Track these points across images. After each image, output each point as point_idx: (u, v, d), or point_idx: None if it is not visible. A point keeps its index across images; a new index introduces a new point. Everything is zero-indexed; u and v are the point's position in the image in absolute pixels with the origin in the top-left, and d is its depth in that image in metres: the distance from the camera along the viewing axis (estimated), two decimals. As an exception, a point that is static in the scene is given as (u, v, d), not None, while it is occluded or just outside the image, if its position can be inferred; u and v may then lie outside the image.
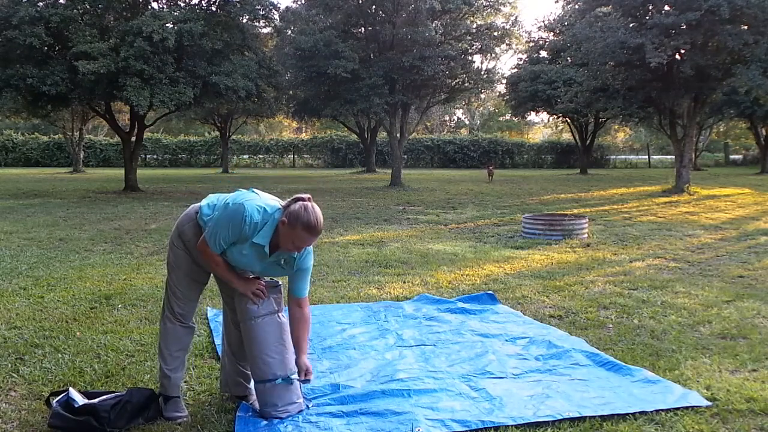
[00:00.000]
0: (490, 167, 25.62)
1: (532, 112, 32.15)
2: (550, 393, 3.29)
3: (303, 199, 2.89)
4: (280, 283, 3.16)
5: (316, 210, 2.87)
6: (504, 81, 30.27)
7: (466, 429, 2.90)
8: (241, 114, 30.73)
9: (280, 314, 3.08)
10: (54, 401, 2.98)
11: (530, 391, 3.31)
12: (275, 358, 3.01)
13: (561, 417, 2.98)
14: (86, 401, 2.95)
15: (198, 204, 3.14)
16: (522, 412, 3.04)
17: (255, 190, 3.05)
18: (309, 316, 3.14)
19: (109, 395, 3.03)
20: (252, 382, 3.24)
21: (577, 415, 3.00)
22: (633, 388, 3.34)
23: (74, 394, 2.98)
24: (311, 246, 3.03)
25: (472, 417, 2.99)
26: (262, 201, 2.94)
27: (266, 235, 2.88)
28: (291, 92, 23.19)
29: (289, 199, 2.95)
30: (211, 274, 3.20)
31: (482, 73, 22.47)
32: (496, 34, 21.09)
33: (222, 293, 3.29)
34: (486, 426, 2.92)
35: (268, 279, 3.14)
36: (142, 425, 2.93)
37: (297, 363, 3.07)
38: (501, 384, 3.42)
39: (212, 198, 3.10)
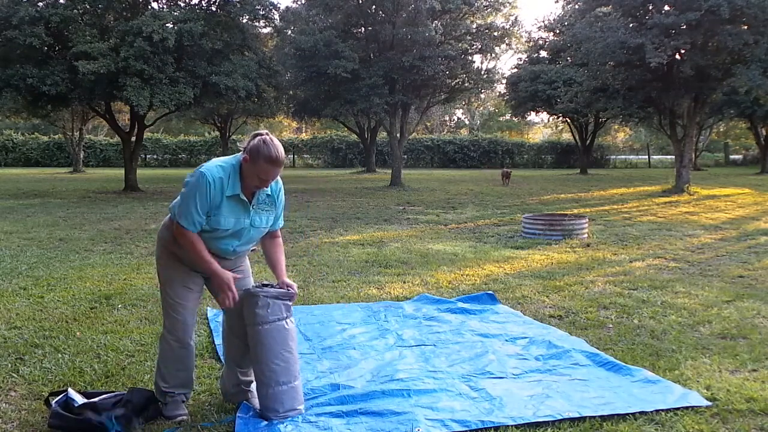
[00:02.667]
0: (506, 170, 22.81)
1: (532, 112, 32.11)
2: (550, 393, 3.29)
3: (260, 134, 2.91)
4: (295, 292, 3.12)
5: (276, 141, 2.89)
6: (504, 81, 30.25)
7: (466, 429, 2.90)
8: (241, 114, 30.72)
9: (288, 320, 3.07)
10: (53, 401, 2.98)
11: (530, 391, 3.31)
12: (280, 366, 3.00)
13: (561, 417, 2.98)
14: (86, 401, 2.95)
15: (168, 217, 3.13)
16: (522, 412, 3.04)
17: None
18: (281, 241, 3.20)
19: (109, 394, 3.04)
20: (253, 386, 3.24)
21: (577, 415, 3.00)
22: (633, 388, 3.34)
23: (73, 394, 2.98)
24: (280, 178, 3.03)
25: (472, 417, 3.00)
26: (217, 161, 2.94)
27: (235, 184, 2.88)
28: (291, 92, 23.18)
29: (247, 140, 2.94)
30: (204, 282, 3.16)
31: (482, 73, 22.47)
32: (496, 34, 21.09)
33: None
34: (486, 426, 2.92)
35: (279, 289, 3.08)
36: (142, 425, 2.93)
37: (280, 280, 3.09)
38: (501, 384, 3.42)
39: (175, 200, 3.08)
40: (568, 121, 31.54)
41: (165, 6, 17.49)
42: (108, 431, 2.83)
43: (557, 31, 30.16)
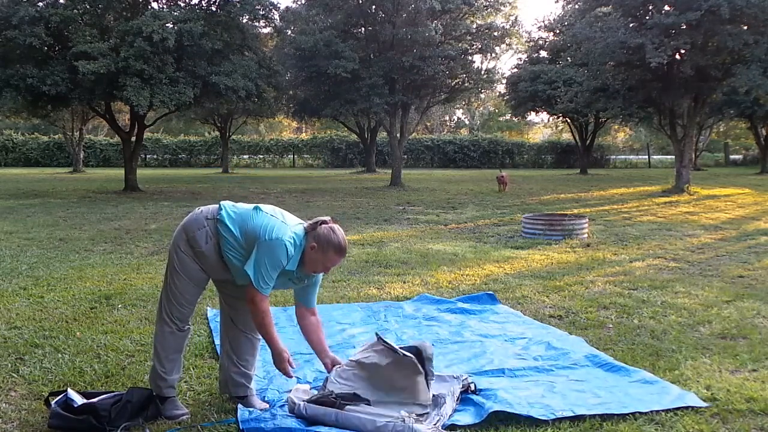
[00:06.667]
0: (502, 175, 19.08)
1: (532, 112, 32.09)
2: (546, 392, 3.29)
3: (326, 222, 2.99)
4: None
5: (341, 231, 3.02)
6: (504, 81, 30.23)
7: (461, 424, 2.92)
8: (241, 114, 30.68)
9: None
10: (53, 402, 2.98)
11: (527, 391, 3.31)
12: None
13: (554, 416, 2.98)
14: (85, 401, 2.95)
15: (206, 209, 3.08)
16: (517, 410, 3.03)
17: (274, 210, 3.05)
18: (320, 321, 3.28)
19: (108, 395, 3.04)
20: (253, 383, 3.24)
21: (571, 414, 3.00)
22: (630, 389, 3.34)
23: (73, 394, 2.98)
24: None
25: (466, 413, 3.02)
26: (289, 228, 2.96)
27: (295, 261, 2.97)
28: (291, 92, 23.16)
29: (310, 222, 3.02)
30: (210, 277, 3.16)
31: (482, 73, 22.46)
32: (496, 34, 21.08)
33: (220, 294, 3.27)
34: (476, 421, 2.94)
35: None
36: (141, 425, 2.93)
37: (327, 360, 3.18)
38: (498, 383, 3.42)
39: (232, 210, 3.03)
40: (568, 121, 31.52)
41: (165, 6, 17.47)
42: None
43: (557, 31, 30.14)
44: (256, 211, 3.01)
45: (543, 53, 31.55)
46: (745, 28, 15.41)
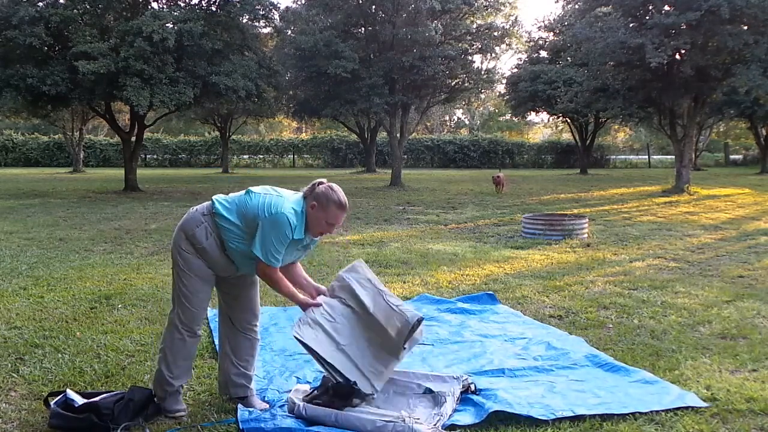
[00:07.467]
0: (498, 176, 18.26)
1: (532, 112, 32.08)
2: (546, 392, 3.29)
3: (323, 183, 3.04)
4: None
5: (340, 189, 3.06)
6: (504, 81, 30.23)
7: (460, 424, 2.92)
8: (241, 114, 30.67)
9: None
10: (52, 402, 2.98)
11: (527, 391, 3.32)
12: None
13: (554, 416, 2.99)
14: (85, 401, 2.95)
15: (200, 207, 3.09)
16: (517, 410, 3.04)
17: (266, 188, 3.07)
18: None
19: (108, 394, 3.04)
20: (253, 383, 3.24)
21: (571, 414, 3.01)
22: (630, 389, 3.34)
23: (72, 394, 2.98)
24: None
25: (466, 413, 3.02)
26: (285, 200, 2.99)
27: (301, 228, 2.98)
28: (291, 92, 23.16)
29: (307, 187, 3.05)
30: (216, 274, 3.15)
31: (482, 73, 22.45)
32: (496, 34, 21.08)
33: (220, 294, 3.26)
34: (476, 421, 2.94)
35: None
36: (141, 425, 2.93)
37: (312, 290, 3.19)
38: (497, 383, 3.42)
39: (225, 201, 3.05)
40: (568, 121, 31.52)
41: (165, 6, 17.47)
42: (109, 431, 2.83)
43: (557, 31, 30.15)
44: (249, 195, 3.03)
45: (543, 53, 31.55)
46: (745, 28, 15.41)
